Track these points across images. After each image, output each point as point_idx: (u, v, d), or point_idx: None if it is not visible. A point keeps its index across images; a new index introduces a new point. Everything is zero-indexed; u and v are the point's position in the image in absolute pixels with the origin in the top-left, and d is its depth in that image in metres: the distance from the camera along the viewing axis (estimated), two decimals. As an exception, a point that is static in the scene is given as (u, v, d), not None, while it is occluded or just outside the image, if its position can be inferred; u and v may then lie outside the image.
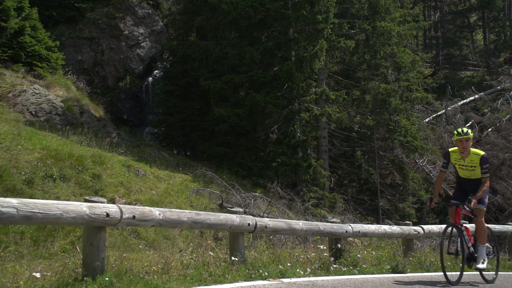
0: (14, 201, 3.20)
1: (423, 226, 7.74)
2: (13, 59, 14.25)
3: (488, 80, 26.13)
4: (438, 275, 6.13)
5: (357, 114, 16.38)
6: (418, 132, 16.87)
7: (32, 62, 14.53)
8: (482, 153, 5.65)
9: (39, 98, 13.36)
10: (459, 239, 5.49)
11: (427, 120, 20.65)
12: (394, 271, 6.17)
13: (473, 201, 5.46)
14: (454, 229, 5.62)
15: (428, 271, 6.61)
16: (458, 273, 5.53)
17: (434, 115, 21.60)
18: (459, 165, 5.80)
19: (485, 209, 5.71)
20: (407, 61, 16.12)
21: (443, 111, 21.74)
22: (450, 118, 21.23)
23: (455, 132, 5.68)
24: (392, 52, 15.96)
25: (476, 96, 23.83)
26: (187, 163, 14.05)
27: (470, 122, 20.89)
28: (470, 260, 5.66)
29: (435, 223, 14.21)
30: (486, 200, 5.76)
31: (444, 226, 6.74)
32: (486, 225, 5.99)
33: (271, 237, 8.80)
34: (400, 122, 15.74)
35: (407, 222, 7.99)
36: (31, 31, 14.80)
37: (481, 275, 5.83)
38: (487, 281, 5.78)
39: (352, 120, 16.33)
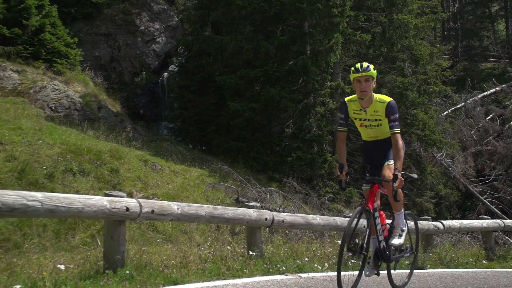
0: (38, 195, 3.27)
1: (443, 221, 7.64)
2: (34, 56, 14.52)
3: (510, 71, 25.56)
4: (459, 271, 6.07)
5: (374, 108, 16.18)
6: (436, 125, 16.63)
7: (52, 58, 14.78)
8: (389, 99, 4.10)
9: (58, 94, 13.58)
10: (367, 229, 3.90)
11: (445, 113, 20.31)
12: (413, 267, 6.10)
13: (399, 179, 3.83)
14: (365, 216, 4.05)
15: (448, 267, 6.53)
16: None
17: (452, 108, 21.23)
18: (360, 120, 4.20)
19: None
20: (424, 53, 15.88)
21: (462, 104, 21.36)
22: (469, 111, 20.87)
23: (352, 68, 4.10)
24: (409, 45, 15.73)
25: (498, 88, 23.32)
26: (202, 157, 14.15)
27: (491, 115, 20.50)
28: (379, 259, 4.21)
29: (455, 218, 14.05)
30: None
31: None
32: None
33: (287, 231, 8.81)
34: (418, 116, 15.52)
35: (426, 217, 7.90)
36: (51, 28, 15.05)
37: (388, 274, 4.41)
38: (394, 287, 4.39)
39: (368, 114, 16.14)
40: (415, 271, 5.03)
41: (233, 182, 11.31)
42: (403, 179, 3.90)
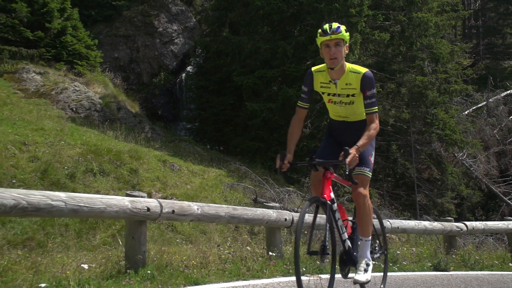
0: (62, 195, 3.32)
1: (466, 222, 7.49)
2: (55, 58, 14.83)
3: (534, 69, 24.96)
4: (484, 274, 5.93)
5: (392, 108, 16.02)
6: (457, 125, 16.34)
7: (73, 60, 15.07)
8: (365, 69, 3.39)
9: (79, 95, 13.81)
10: (327, 224, 3.17)
11: (466, 112, 19.95)
12: (436, 269, 6.00)
13: (352, 153, 3.08)
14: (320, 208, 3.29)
15: (473, 269, 6.38)
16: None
17: (474, 107, 20.83)
18: (329, 95, 3.48)
19: (370, 174, 3.48)
20: (445, 52, 15.62)
21: (484, 103, 20.93)
22: (491, 110, 20.44)
23: (319, 30, 3.36)
24: (429, 44, 15.49)
25: (521, 86, 22.81)
26: (220, 157, 14.19)
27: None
28: (346, 263, 3.48)
29: (478, 219, 13.76)
30: (372, 159, 3.54)
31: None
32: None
33: (305, 232, 8.77)
34: (438, 115, 15.28)
35: (449, 218, 7.76)
36: (72, 30, 15.35)
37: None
38: None
39: (387, 114, 15.98)
40: (435, 273, 4.92)
41: (251, 182, 11.32)
42: (357, 154, 3.12)
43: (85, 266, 3.65)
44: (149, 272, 3.77)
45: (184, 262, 4.40)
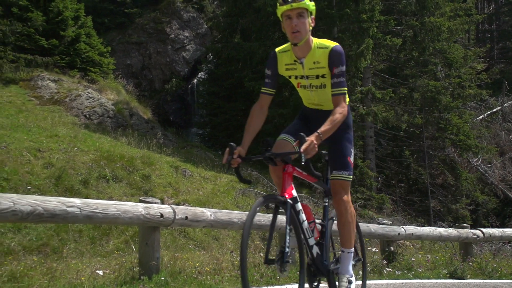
0: (77, 201, 3.34)
1: (483, 229, 7.36)
2: (69, 65, 15.07)
3: (549, 74, 24.59)
4: (503, 282, 5.80)
5: (405, 113, 15.90)
6: (472, 130, 16.14)
7: (86, 67, 15.29)
8: (334, 43, 2.89)
9: (92, 102, 13.96)
10: (287, 227, 2.57)
11: (481, 117, 19.71)
12: (452, 277, 5.89)
13: (309, 141, 2.54)
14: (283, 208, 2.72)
15: (491, 277, 6.25)
16: None
17: (489, 112, 20.57)
18: (296, 78, 2.98)
19: (350, 178, 3.01)
20: (458, 56, 15.48)
21: (499, 107, 20.67)
22: (507, 115, 20.16)
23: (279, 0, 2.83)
24: (441, 48, 15.36)
25: (537, 91, 22.48)
26: (232, 163, 14.18)
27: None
28: (315, 275, 2.95)
29: (494, 226, 13.53)
30: (352, 159, 3.05)
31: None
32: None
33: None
34: (452, 120, 15.12)
35: (464, 224, 7.64)
36: (86, 38, 15.59)
37: None
38: None
39: (400, 119, 15.86)
40: (450, 280, 4.80)
41: (263, 188, 11.29)
42: (316, 142, 2.56)
43: (100, 272, 3.67)
44: (163, 278, 3.77)
45: (197, 268, 4.39)
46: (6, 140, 8.58)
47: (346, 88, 2.85)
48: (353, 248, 3.06)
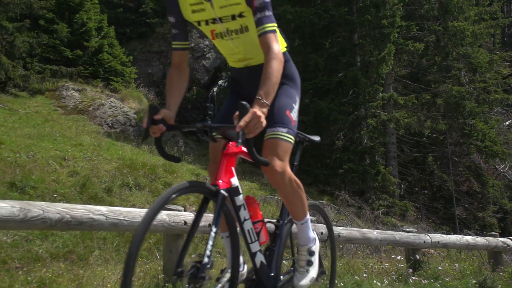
0: (103, 209, 3.38)
1: (514, 238, 7.14)
2: (93, 75, 15.42)
3: None
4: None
5: (428, 119, 15.64)
6: (498, 136, 15.74)
7: (109, 77, 15.61)
8: None
9: (115, 110, 14.21)
10: (213, 228, 1.91)
11: (508, 123, 19.21)
12: (481, 286, 5.72)
13: (251, 112, 1.89)
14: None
15: (523, 288, 6.05)
16: None
17: (515, 118, 20.05)
18: (208, 24, 2.25)
19: (290, 138, 2.27)
20: (483, 61, 15.18)
21: (526, 113, 20.11)
22: (534, 120, 19.60)
23: None
24: (465, 53, 15.09)
25: None
26: (253, 170, 14.19)
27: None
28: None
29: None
30: (294, 115, 2.34)
31: None
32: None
33: (340, 245, 8.60)
34: (477, 126, 14.79)
35: (493, 233, 7.43)
36: (109, 48, 15.93)
37: None
38: None
39: (422, 125, 15.60)
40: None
41: (284, 195, 11.23)
42: (260, 113, 1.89)
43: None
44: (187, 286, 3.77)
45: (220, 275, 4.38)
46: (33, 149, 8.79)
47: (275, 24, 2.14)
48: (308, 216, 2.41)
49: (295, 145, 2.43)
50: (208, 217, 3.70)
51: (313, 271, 2.39)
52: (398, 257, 6.46)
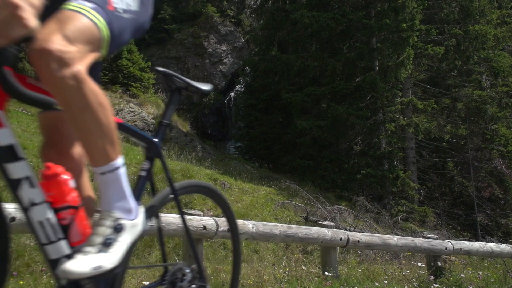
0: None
1: (539, 246, 6.95)
2: (112, 81, 15.63)
3: None
4: None
5: (448, 123, 15.40)
6: (521, 141, 15.39)
7: (127, 83, 15.81)
8: None
9: (133, 116, 14.39)
10: None
11: (530, 128, 18.75)
12: (506, 295, 5.59)
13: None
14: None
15: (552, 298, 5.88)
16: None
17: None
18: None
19: (97, 17, 1.24)
20: (506, 65, 14.87)
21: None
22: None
23: None
24: (487, 57, 14.82)
25: None
26: (270, 175, 14.17)
27: None
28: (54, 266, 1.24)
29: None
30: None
31: None
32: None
33: (358, 251, 8.50)
34: (499, 131, 14.50)
35: (517, 241, 7.24)
36: (127, 54, 16.15)
37: None
38: None
39: (442, 130, 15.37)
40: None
41: (302, 200, 11.18)
42: (18, 3, 1.02)
43: (146, 283, 3.72)
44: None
45: (240, 281, 4.37)
46: (54, 153, 8.96)
47: None
48: (118, 162, 1.40)
49: (171, 94, 1.72)
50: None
51: (106, 259, 1.28)
52: (420, 264, 6.35)
